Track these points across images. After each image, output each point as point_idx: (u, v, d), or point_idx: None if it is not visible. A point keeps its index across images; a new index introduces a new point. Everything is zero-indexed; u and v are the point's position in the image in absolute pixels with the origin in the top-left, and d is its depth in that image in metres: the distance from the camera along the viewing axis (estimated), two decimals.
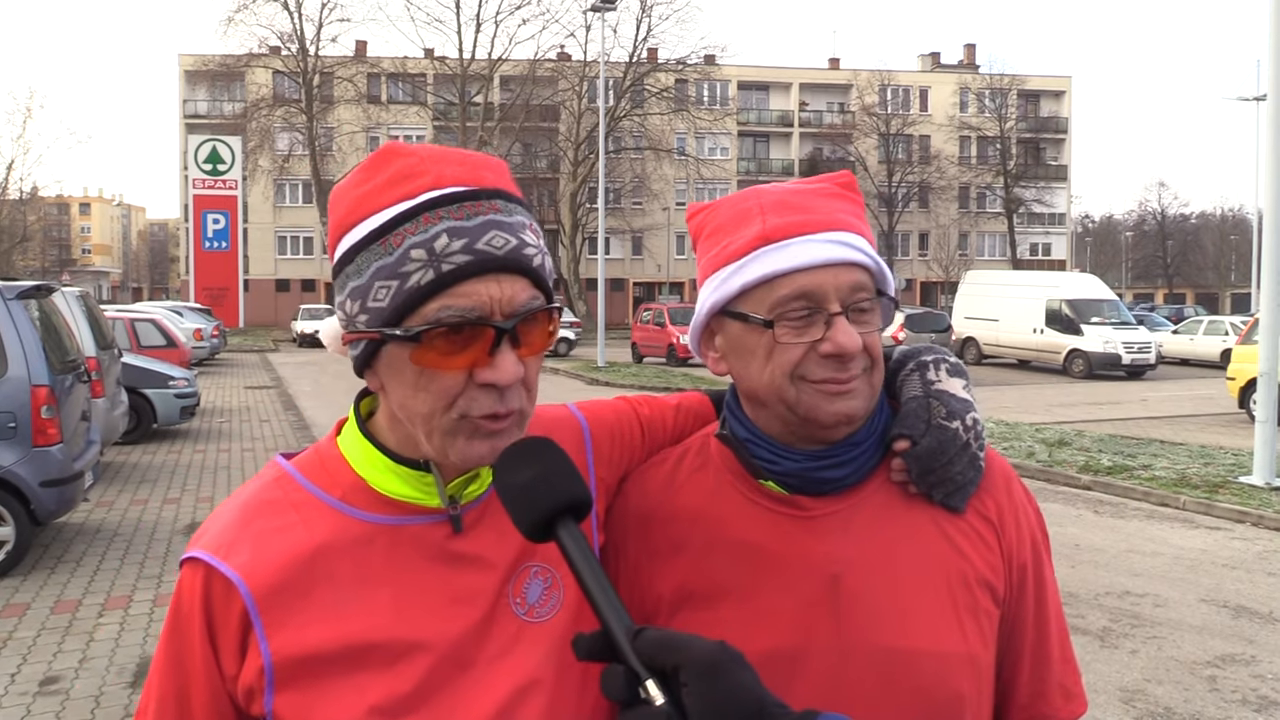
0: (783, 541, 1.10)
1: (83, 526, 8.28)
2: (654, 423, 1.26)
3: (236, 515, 1.01)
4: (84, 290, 11.41)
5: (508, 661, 1.01)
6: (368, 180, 0.97)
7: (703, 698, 0.74)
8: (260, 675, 0.96)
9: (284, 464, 1.06)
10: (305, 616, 0.97)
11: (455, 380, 0.94)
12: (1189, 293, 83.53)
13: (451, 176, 0.96)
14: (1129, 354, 25.46)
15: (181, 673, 0.99)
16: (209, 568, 0.97)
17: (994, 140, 64.38)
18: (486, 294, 0.93)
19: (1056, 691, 1.16)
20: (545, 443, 0.95)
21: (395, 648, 0.97)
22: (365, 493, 1.02)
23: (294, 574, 0.97)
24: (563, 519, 0.89)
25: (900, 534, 1.10)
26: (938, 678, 1.06)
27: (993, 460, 1.17)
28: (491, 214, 0.94)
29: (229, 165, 49.70)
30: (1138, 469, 10.90)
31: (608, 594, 0.84)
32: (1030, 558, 1.15)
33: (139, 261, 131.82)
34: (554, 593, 1.06)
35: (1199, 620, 6.16)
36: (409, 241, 0.92)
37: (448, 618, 1.00)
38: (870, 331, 1.07)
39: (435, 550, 1.01)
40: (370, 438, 1.03)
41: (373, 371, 1.00)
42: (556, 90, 54.17)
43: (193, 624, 0.97)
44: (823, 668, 1.05)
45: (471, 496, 1.04)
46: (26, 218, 70.01)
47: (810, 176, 1.19)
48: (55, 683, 4.99)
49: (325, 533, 0.99)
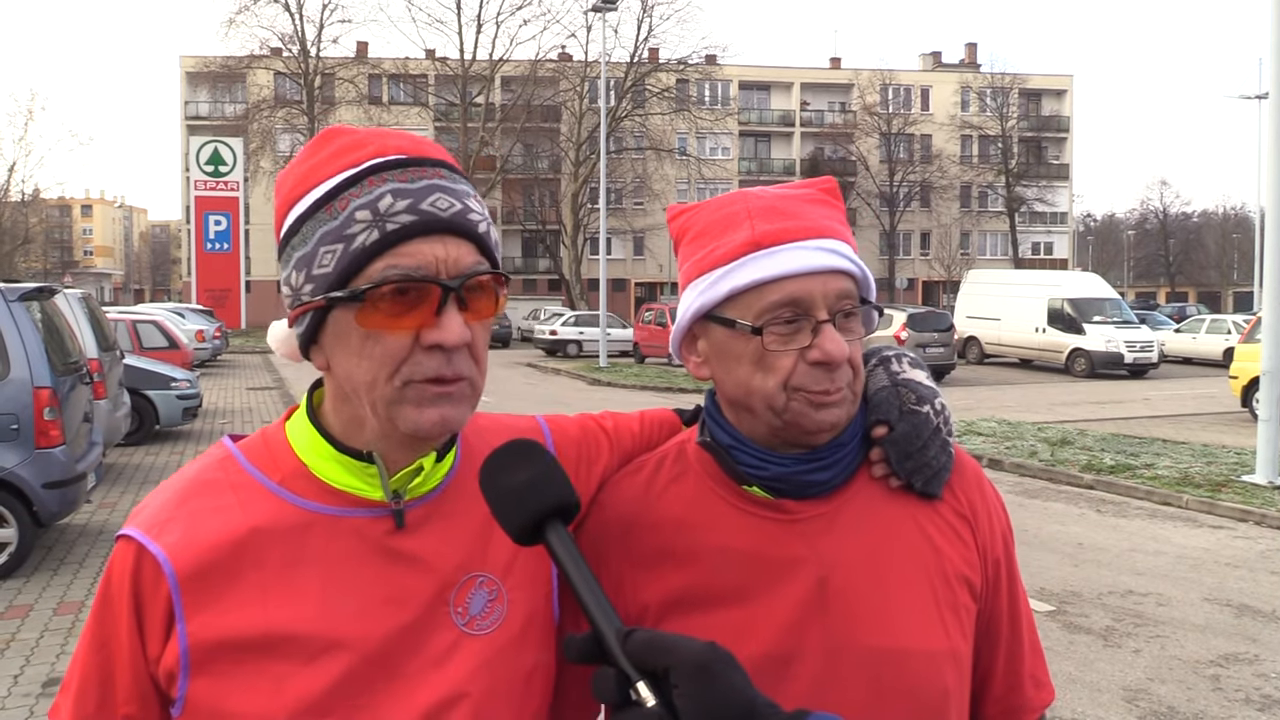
0: (769, 546, 1.10)
1: (85, 528, 8.29)
2: (620, 434, 1.25)
3: (174, 493, 1.00)
4: (86, 292, 11.43)
5: (439, 672, 0.98)
6: (312, 156, 0.98)
7: (694, 699, 0.74)
8: (177, 659, 0.94)
9: (229, 445, 1.04)
10: (228, 601, 0.94)
11: (401, 343, 0.93)
12: (1191, 291, 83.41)
13: (394, 147, 0.97)
14: (1131, 353, 25.45)
15: (107, 651, 0.97)
16: (139, 546, 0.96)
17: (995, 139, 64.38)
18: (431, 254, 0.93)
19: (1029, 681, 1.20)
20: (533, 445, 0.94)
21: (317, 642, 0.95)
22: (306, 479, 1.00)
23: (222, 556, 0.95)
24: (551, 522, 0.89)
25: (883, 534, 1.12)
26: (925, 675, 1.07)
27: (963, 458, 1.20)
28: (435, 179, 0.95)
29: (230, 167, 49.71)
30: (1140, 468, 10.89)
31: (597, 596, 0.84)
32: (1002, 552, 1.19)
33: (141, 263, 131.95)
34: (498, 606, 1.03)
35: (1202, 619, 6.16)
36: (354, 204, 0.92)
37: (377, 617, 0.97)
38: (854, 340, 1.07)
39: (373, 545, 0.99)
40: (316, 424, 1.02)
41: (318, 347, 0.98)
42: (558, 91, 54.16)
43: (120, 603, 0.96)
44: (812, 670, 1.06)
45: (416, 492, 1.02)
46: (28, 220, 70.14)
47: (797, 180, 1.20)
48: (58, 684, 4.98)
49: (260, 516, 0.97)
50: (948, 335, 24.20)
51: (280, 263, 0.99)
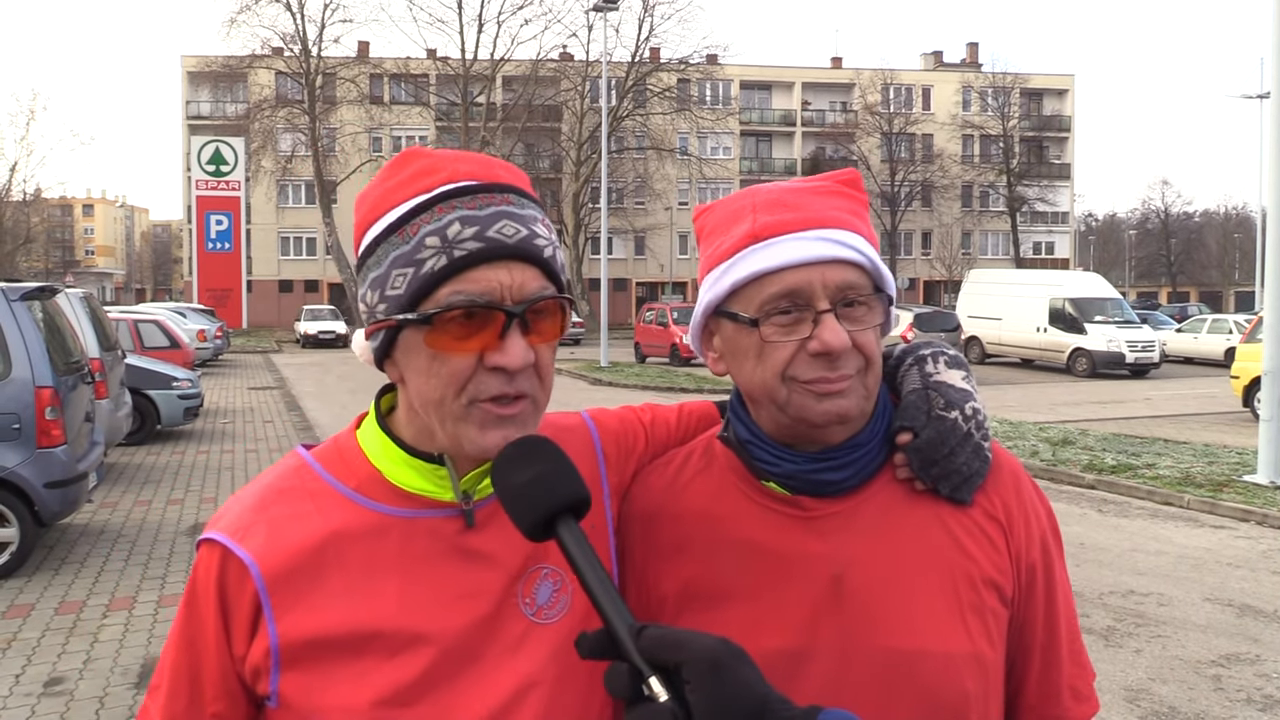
0: (785, 542, 1.10)
1: (87, 527, 8.29)
2: (657, 427, 1.28)
3: (254, 500, 1.05)
4: (87, 292, 11.44)
5: (512, 660, 1.02)
6: (388, 180, 1.02)
7: (706, 694, 0.74)
8: (267, 656, 0.98)
9: (304, 454, 1.09)
10: (314, 601, 0.99)
11: (466, 363, 0.97)
12: (1193, 291, 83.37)
13: (466, 172, 1.00)
14: (1133, 353, 25.43)
15: (194, 651, 1.01)
16: (225, 550, 1.00)
17: (997, 139, 64.34)
18: (497, 280, 0.96)
19: (1066, 692, 1.15)
20: (544, 442, 0.96)
21: (400, 637, 0.99)
22: (380, 484, 1.04)
23: (306, 559, 1.00)
24: (563, 518, 0.89)
25: (904, 534, 1.10)
26: (942, 677, 1.05)
27: (1002, 459, 1.16)
28: (504, 205, 0.98)
29: (232, 166, 49.78)
30: (1142, 468, 10.88)
31: (610, 593, 0.84)
32: (1040, 558, 1.14)
33: (142, 263, 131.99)
34: (563, 595, 1.07)
35: (1203, 619, 6.15)
36: (424, 230, 0.96)
37: (454, 612, 1.01)
38: (863, 330, 1.05)
39: (447, 544, 1.03)
40: (388, 431, 1.06)
41: (392, 361, 1.03)
42: (559, 90, 54.16)
43: (208, 604, 1.00)
44: (826, 668, 1.05)
45: (485, 492, 1.05)
46: (30, 219, 70.19)
47: (813, 175, 1.19)
48: (60, 684, 4.99)
49: (339, 521, 1.02)
50: (954, 335, 24.20)
51: (358, 279, 1.03)
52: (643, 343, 29.75)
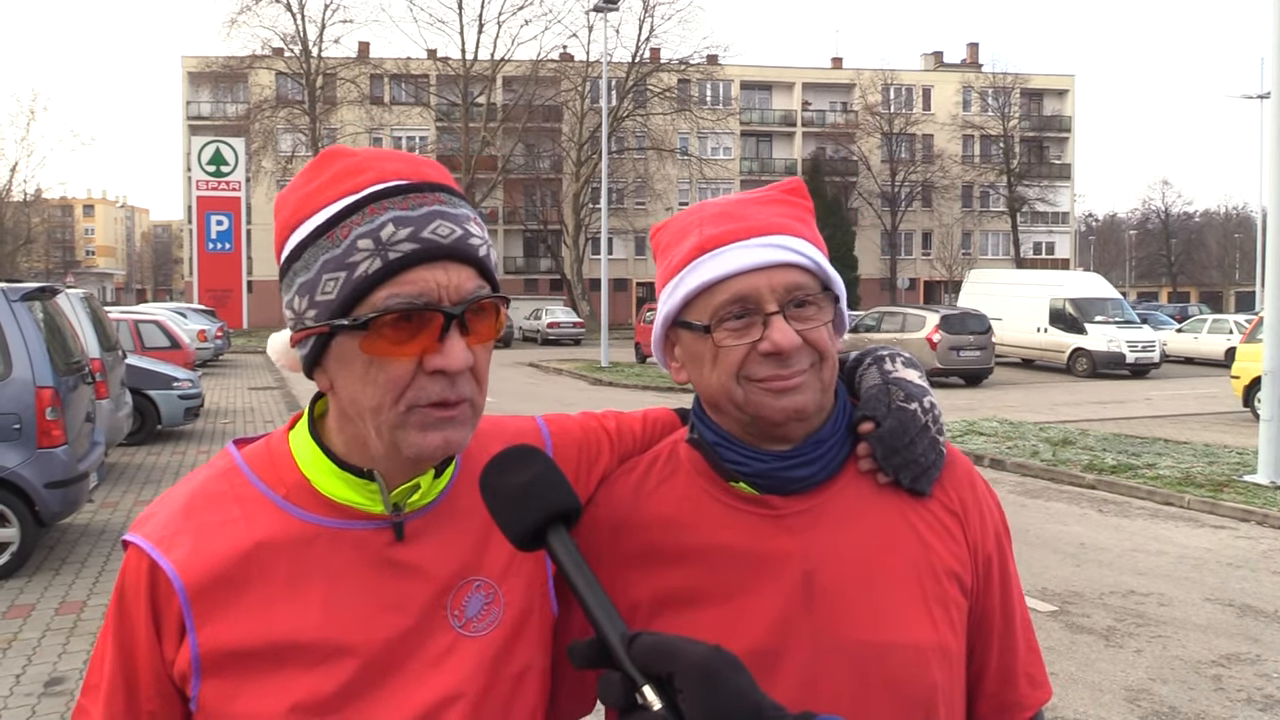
0: (755, 541, 1.12)
1: (87, 528, 8.30)
2: (623, 434, 1.27)
3: (182, 505, 1.03)
4: (88, 292, 11.44)
5: (435, 673, 1.01)
6: (312, 180, 0.99)
7: (698, 703, 0.74)
8: (189, 664, 0.98)
9: (235, 456, 1.07)
10: (236, 612, 0.98)
11: (404, 369, 0.95)
12: (1193, 291, 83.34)
13: (394, 171, 0.98)
14: (1133, 353, 25.42)
15: (129, 652, 1.01)
16: (151, 559, 0.99)
17: (997, 139, 64.32)
18: (434, 281, 0.94)
19: (1023, 679, 1.20)
20: (531, 450, 0.95)
21: (322, 649, 0.98)
22: (309, 493, 1.03)
23: (229, 570, 0.99)
24: (554, 527, 0.89)
25: (869, 528, 1.13)
26: (911, 669, 1.08)
27: (954, 456, 1.22)
28: (436, 205, 0.96)
29: (232, 167, 49.74)
30: (1142, 468, 10.87)
31: (601, 601, 0.84)
32: (995, 549, 1.19)
33: (143, 263, 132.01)
34: (494, 609, 1.06)
35: (1204, 619, 6.15)
36: (356, 232, 0.94)
37: (378, 624, 1.00)
38: (814, 328, 1.09)
39: (374, 556, 1.02)
40: (319, 439, 1.04)
41: (322, 369, 1.00)
42: (559, 90, 54.17)
43: (138, 609, 1.00)
44: (799, 664, 1.07)
45: (415, 506, 1.04)
46: (30, 220, 70.19)
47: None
48: (60, 684, 4.99)
49: (265, 530, 1.01)
50: (985, 337, 23.10)
51: (282, 285, 1.00)
52: (643, 343, 29.71)
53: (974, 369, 22.79)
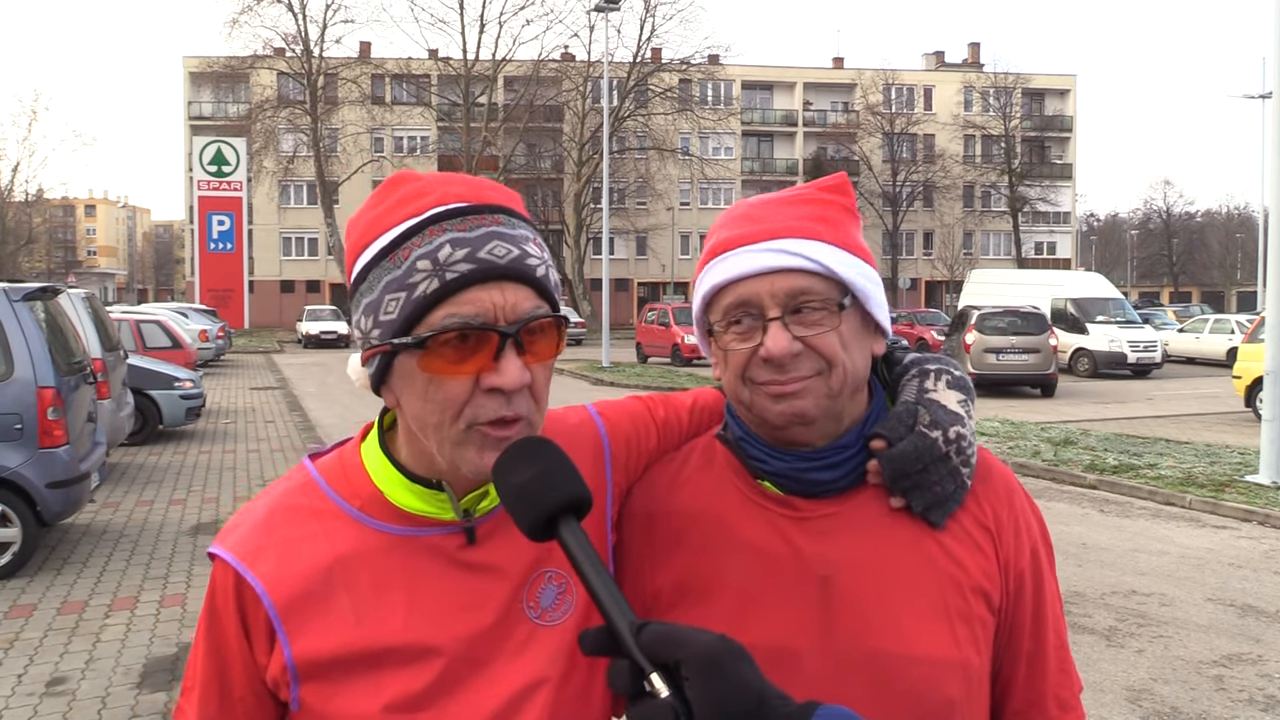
0: (777, 541, 1.12)
1: (89, 528, 8.30)
2: (669, 424, 1.29)
3: (263, 519, 1.07)
4: (89, 292, 11.45)
5: (518, 662, 1.06)
6: (378, 205, 1.03)
7: (704, 691, 0.75)
8: (284, 671, 1.03)
9: (311, 470, 1.11)
10: (324, 623, 1.03)
11: (462, 387, 0.97)
12: (1194, 291, 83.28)
13: (455, 195, 1.01)
14: (1134, 353, 25.40)
15: (221, 659, 1.06)
16: (237, 573, 1.04)
17: (998, 139, 64.32)
18: (490, 301, 0.97)
19: (1052, 701, 1.17)
20: (543, 442, 0.96)
21: (409, 651, 1.03)
22: (382, 504, 1.07)
23: (314, 584, 1.04)
24: (564, 518, 0.90)
25: (893, 539, 1.11)
26: (927, 683, 1.07)
27: (995, 469, 1.18)
28: (494, 226, 0.99)
29: (234, 167, 49.80)
30: (1143, 468, 10.87)
31: (611, 590, 0.85)
32: (1029, 567, 1.16)
33: (144, 263, 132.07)
34: (567, 597, 1.10)
35: (1205, 619, 6.15)
36: (416, 253, 0.97)
37: (459, 623, 1.05)
38: (819, 334, 1.07)
39: (449, 560, 1.06)
40: (388, 452, 1.08)
41: (388, 387, 1.04)
42: (560, 90, 54.14)
43: (229, 619, 1.05)
44: (812, 668, 1.07)
45: (485, 510, 1.08)
46: (32, 220, 70.24)
47: (815, 178, 1.21)
48: (62, 683, 5.00)
49: (345, 543, 1.05)
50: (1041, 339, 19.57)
51: (351, 305, 1.04)
52: (644, 343, 29.76)
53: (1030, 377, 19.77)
